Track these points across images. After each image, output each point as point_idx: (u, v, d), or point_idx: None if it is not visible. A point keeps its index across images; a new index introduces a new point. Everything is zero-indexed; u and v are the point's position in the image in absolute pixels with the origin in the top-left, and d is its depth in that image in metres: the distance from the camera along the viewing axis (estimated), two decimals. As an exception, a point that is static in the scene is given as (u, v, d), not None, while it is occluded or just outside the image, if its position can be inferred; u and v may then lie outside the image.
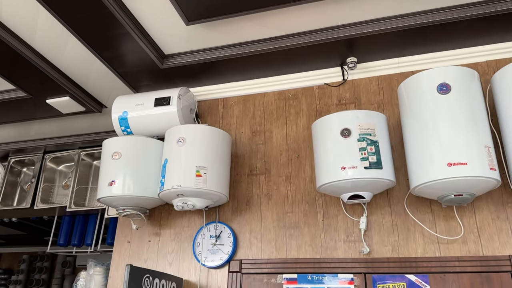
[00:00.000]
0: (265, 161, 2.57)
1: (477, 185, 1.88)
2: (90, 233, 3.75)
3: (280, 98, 2.71)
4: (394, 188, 2.26)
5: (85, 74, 2.68)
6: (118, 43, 2.34)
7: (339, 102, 2.58)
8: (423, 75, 2.05)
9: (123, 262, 2.57)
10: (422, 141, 1.96)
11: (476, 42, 2.36)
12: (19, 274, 6.63)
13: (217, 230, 2.45)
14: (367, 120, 2.12)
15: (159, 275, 2.13)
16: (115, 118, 2.63)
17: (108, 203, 2.43)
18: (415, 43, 2.38)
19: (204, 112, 2.85)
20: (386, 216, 2.22)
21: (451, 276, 2.01)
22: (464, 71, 2.02)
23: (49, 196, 3.64)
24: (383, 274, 2.10)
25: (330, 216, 2.31)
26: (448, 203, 2.01)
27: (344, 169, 2.04)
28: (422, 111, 2.00)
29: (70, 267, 6.45)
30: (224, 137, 2.41)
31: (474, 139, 1.88)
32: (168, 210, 2.63)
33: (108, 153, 2.42)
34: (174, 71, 2.63)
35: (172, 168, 2.26)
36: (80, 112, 3.08)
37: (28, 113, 3.14)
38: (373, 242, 2.19)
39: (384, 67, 2.54)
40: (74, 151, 3.63)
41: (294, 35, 2.37)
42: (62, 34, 2.29)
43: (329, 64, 2.60)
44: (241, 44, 2.44)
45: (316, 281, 2.18)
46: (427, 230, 2.13)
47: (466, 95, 1.97)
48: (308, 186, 2.43)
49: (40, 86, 2.72)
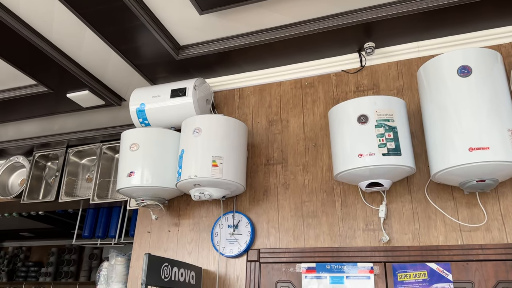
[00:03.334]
0: (282, 151, 2.55)
1: (500, 170, 1.81)
2: (113, 225, 3.83)
3: (297, 87, 2.68)
4: (415, 175, 2.21)
5: (103, 68, 2.71)
6: (133, 35, 2.35)
7: (357, 89, 2.53)
8: (443, 57, 1.98)
9: (144, 252, 2.60)
10: (442, 126, 1.90)
11: (499, 23, 2.26)
12: (49, 267, 6.85)
13: (234, 220, 2.45)
14: (385, 106, 2.07)
15: (178, 264, 2.15)
16: (133, 110, 2.65)
17: (127, 194, 2.46)
18: (434, 26, 2.30)
19: (220, 103, 2.84)
20: (406, 204, 2.17)
21: (474, 265, 1.95)
22: (486, 53, 1.95)
23: (73, 189, 3.73)
24: (404, 263, 2.05)
25: (349, 204, 2.28)
26: (470, 189, 1.95)
27: (362, 156, 2.00)
28: (442, 94, 1.94)
29: (97, 260, 6.62)
30: (240, 127, 2.40)
31: (496, 123, 1.81)
32: (186, 201, 2.64)
33: (126, 145, 2.45)
34: (190, 62, 2.64)
35: (189, 159, 2.27)
36: (100, 106, 3.13)
37: (50, 108, 3.21)
38: (393, 231, 2.14)
39: (403, 52, 2.47)
40: (96, 145, 3.70)
41: (309, 21, 2.34)
42: (78, 27, 2.32)
43: (346, 51, 2.55)
44: (255, 33, 2.42)
45: (335, 270, 2.16)
46: (449, 218, 2.07)
47: (488, 77, 1.89)
48: (325, 175, 2.39)
49: (59, 81, 2.77)
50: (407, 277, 2.02)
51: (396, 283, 2.02)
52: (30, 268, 7.04)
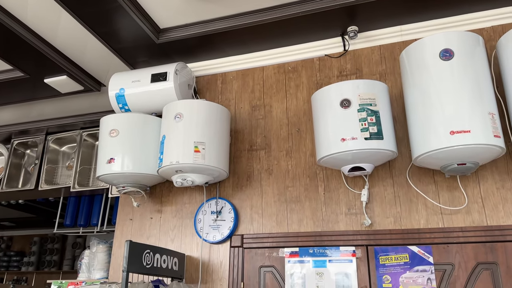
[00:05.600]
0: (265, 136, 2.53)
1: (480, 153, 1.83)
2: (96, 214, 3.78)
3: (280, 72, 2.65)
4: (397, 159, 2.21)
5: (81, 52, 2.64)
6: (111, 18, 2.28)
7: (340, 74, 2.51)
8: (425, 41, 1.97)
9: (126, 240, 2.56)
10: (424, 109, 1.90)
11: (481, 7, 2.26)
12: (31, 256, 6.75)
13: (218, 206, 2.43)
14: (368, 90, 2.06)
15: (160, 251, 2.12)
16: (112, 95, 2.59)
17: (107, 181, 2.42)
18: (417, 9, 2.29)
19: (202, 88, 2.80)
20: (388, 188, 2.18)
21: (455, 247, 1.97)
22: (467, 36, 1.94)
23: (53, 177, 3.65)
24: (385, 246, 2.07)
25: (331, 189, 2.28)
26: (451, 172, 1.96)
27: (344, 140, 1.99)
28: (424, 78, 1.93)
29: (80, 248, 6.56)
30: (222, 112, 2.37)
31: (477, 106, 1.81)
32: (169, 187, 2.61)
33: (106, 131, 2.40)
34: (171, 46, 2.58)
35: (170, 144, 2.23)
36: (79, 92, 3.05)
37: (27, 94, 3.12)
38: (375, 215, 2.15)
39: (386, 36, 2.46)
40: (76, 132, 3.62)
41: (292, 4, 2.30)
42: (54, 9, 2.24)
43: (329, 34, 2.52)
44: (237, 16, 2.37)
45: (318, 254, 2.16)
46: (430, 201, 2.09)
47: (470, 61, 1.89)
48: (309, 160, 2.39)
49: (36, 65, 2.69)
50: (388, 260, 2.04)
51: (378, 266, 2.04)
52: (12, 258, 6.94)
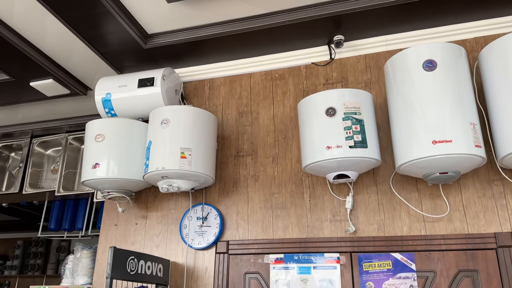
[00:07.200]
0: (252, 142, 2.54)
1: (462, 162, 1.86)
2: (80, 218, 3.75)
3: (267, 79, 2.67)
4: (380, 167, 2.24)
5: (68, 56, 2.62)
6: (98, 22, 2.28)
7: (326, 82, 2.54)
8: (409, 51, 2.01)
9: (110, 245, 2.55)
10: (407, 119, 1.94)
11: (464, 18, 2.31)
12: (14, 260, 6.64)
13: (203, 212, 2.43)
14: (353, 99, 2.09)
15: (144, 257, 2.12)
16: (99, 100, 2.58)
17: (92, 186, 2.40)
18: (402, 20, 2.33)
19: (190, 94, 2.80)
20: (372, 195, 2.21)
21: (437, 254, 2.00)
22: (450, 47, 1.98)
23: (37, 180, 3.61)
24: (369, 253, 2.09)
25: (317, 196, 2.30)
26: (434, 181, 2.00)
27: (329, 148, 2.02)
28: (407, 88, 1.97)
29: (65, 252, 6.46)
30: (209, 118, 2.38)
31: (459, 116, 1.85)
32: (154, 193, 2.60)
33: (91, 136, 2.39)
34: (158, 51, 2.58)
35: (156, 150, 2.23)
36: (65, 95, 3.03)
37: (12, 97, 3.09)
38: (359, 221, 2.18)
39: (372, 45, 2.50)
40: (62, 135, 3.59)
41: (280, 13, 2.32)
42: (40, 12, 2.22)
43: (316, 43, 2.55)
44: (225, 23, 2.39)
45: (303, 260, 2.18)
46: (413, 209, 2.12)
47: (452, 71, 1.93)
48: (295, 167, 2.40)
49: (21, 68, 2.66)
50: (372, 267, 2.06)
51: (362, 273, 2.06)
52: (-6, 261, 6.82)
